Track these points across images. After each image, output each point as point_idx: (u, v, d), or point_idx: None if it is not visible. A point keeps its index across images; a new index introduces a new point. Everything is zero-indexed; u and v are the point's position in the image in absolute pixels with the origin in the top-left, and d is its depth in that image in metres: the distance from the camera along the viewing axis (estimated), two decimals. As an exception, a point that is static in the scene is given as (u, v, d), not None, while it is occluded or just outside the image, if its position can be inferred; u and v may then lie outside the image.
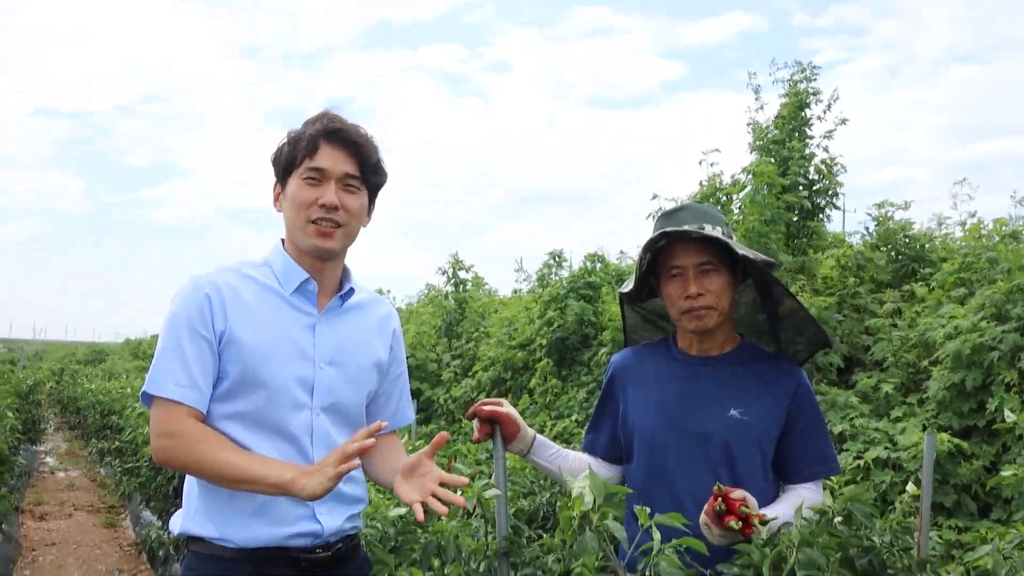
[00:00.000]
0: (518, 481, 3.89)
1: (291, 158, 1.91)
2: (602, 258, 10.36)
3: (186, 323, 1.84)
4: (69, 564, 6.88)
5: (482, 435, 2.07)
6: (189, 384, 1.82)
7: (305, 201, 1.89)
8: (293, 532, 1.86)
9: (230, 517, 1.84)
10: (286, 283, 1.93)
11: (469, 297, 12.81)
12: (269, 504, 1.84)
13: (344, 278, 2.02)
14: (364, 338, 2.02)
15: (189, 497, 1.92)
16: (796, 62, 8.47)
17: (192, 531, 1.88)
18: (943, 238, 8.44)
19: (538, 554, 2.11)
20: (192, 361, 1.83)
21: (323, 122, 1.92)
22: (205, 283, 1.88)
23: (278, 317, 1.91)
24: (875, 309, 7.20)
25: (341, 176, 1.90)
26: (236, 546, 1.84)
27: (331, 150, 1.90)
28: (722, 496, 1.78)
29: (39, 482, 10.87)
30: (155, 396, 1.83)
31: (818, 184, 8.16)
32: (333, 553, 1.92)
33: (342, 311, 2.00)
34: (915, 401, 5.98)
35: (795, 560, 1.56)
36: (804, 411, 2.05)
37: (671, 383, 2.10)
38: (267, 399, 1.85)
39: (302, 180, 1.90)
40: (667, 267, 2.06)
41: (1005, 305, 5.76)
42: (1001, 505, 4.99)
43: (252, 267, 1.96)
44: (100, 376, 19.10)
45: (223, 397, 1.86)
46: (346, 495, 1.95)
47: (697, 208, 2.07)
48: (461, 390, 10.59)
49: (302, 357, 1.90)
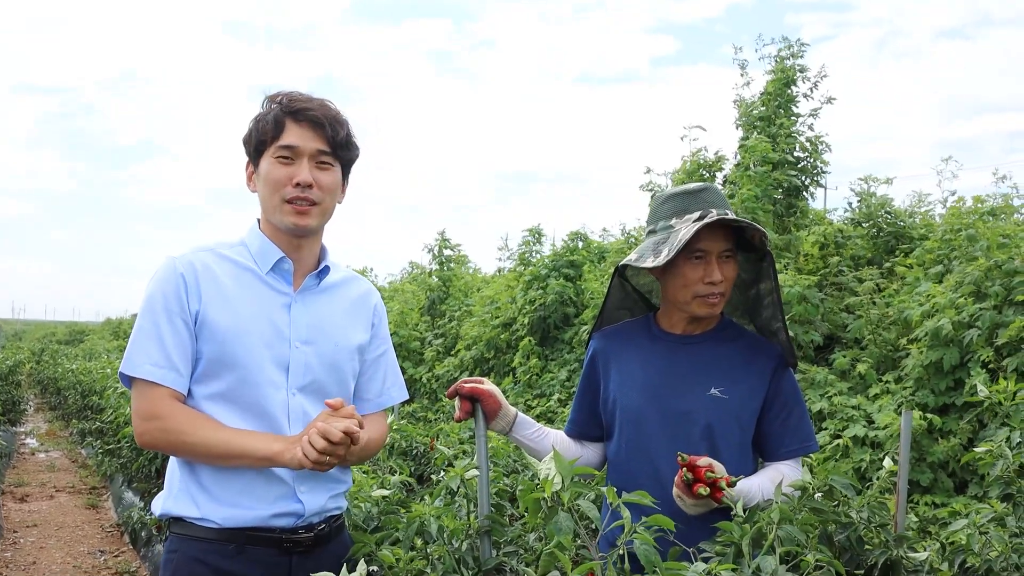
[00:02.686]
0: (500, 462, 3.91)
1: (260, 138, 1.91)
2: (584, 236, 10.36)
3: (163, 304, 1.84)
4: (51, 546, 6.85)
5: (463, 413, 2.06)
6: (167, 365, 1.82)
7: (279, 180, 1.88)
8: (274, 512, 1.86)
9: (212, 497, 1.84)
10: (262, 262, 1.93)
11: (454, 275, 12.77)
12: (251, 484, 1.85)
13: (321, 256, 2.01)
14: (341, 317, 2.01)
15: (171, 478, 1.92)
16: (784, 38, 8.48)
17: (174, 511, 1.88)
18: (924, 215, 8.51)
19: (520, 533, 2.13)
20: (169, 342, 1.83)
21: (284, 101, 1.91)
22: (180, 263, 1.87)
23: (253, 296, 1.90)
24: (854, 287, 7.25)
25: (313, 153, 1.89)
26: (218, 526, 1.84)
27: (298, 128, 1.89)
28: (687, 465, 1.81)
29: (19, 463, 10.80)
30: (135, 378, 1.83)
31: (803, 162, 8.20)
32: (316, 534, 1.92)
33: (319, 290, 1.99)
34: (892, 379, 6.04)
35: (775, 536, 1.58)
36: (784, 389, 2.07)
37: (653, 362, 2.10)
38: (242, 379, 1.85)
39: (274, 159, 1.89)
40: (691, 249, 2.01)
41: (983, 283, 5.81)
42: (977, 481, 5.06)
43: (228, 247, 1.95)
44: (80, 356, 18.98)
45: (200, 378, 1.86)
46: (330, 475, 1.94)
47: (717, 191, 2.06)
48: (444, 368, 10.60)
49: (277, 336, 1.89)
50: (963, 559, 1.90)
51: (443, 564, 1.88)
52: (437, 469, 5.02)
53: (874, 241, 7.95)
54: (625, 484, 1.99)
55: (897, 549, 1.77)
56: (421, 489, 4.28)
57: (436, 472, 4.70)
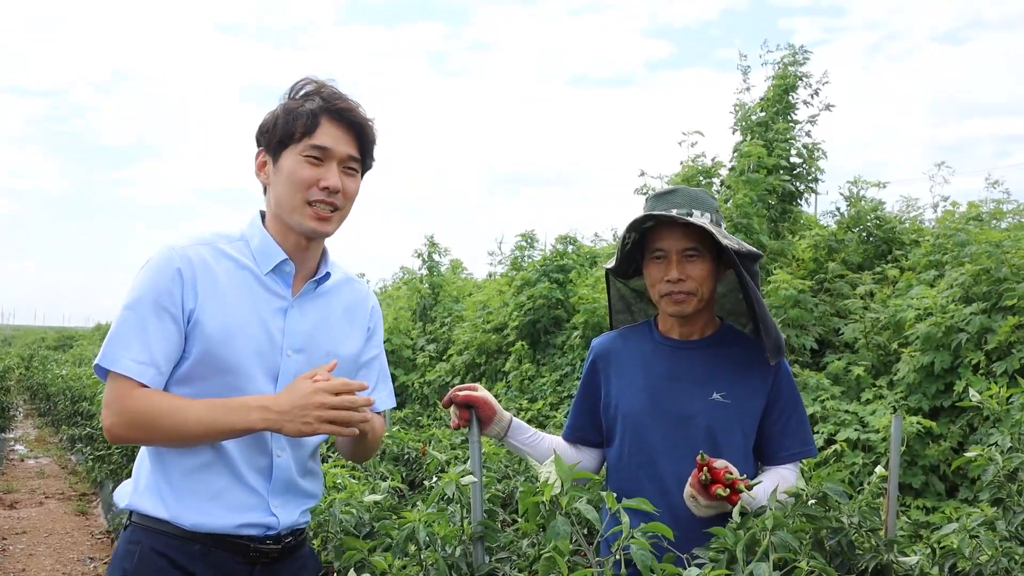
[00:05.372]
0: (492, 467, 3.91)
1: (288, 131, 1.79)
2: (574, 240, 10.36)
3: (153, 296, 1.73)
4: (40, 552, 6.81)
5: (461, 421, 2.06)
6: (148, 361, 1.72)
7: (305, 180, 1.79)
8: (246, 522, 1.80)
9: (184, 500, 1.77)
10: (262, 262, 1.84)
11: (444, 281, 12.76)
12: (225, 491, 1.78)
13: (322, 260, 1.93)
14: (336, 323, 1.93)
15: (140, 472, 1.84)
16: (789, 44, 8.51)
17: (142, 508, 1.80)
18: (913, 220, 8.54)
19: (512, 539, 2.13)
20: (154, 338, 1.72)
21: (324, 96, 1.81)
22: (178, 256, 1.76)
23: (249, 299, 1.81)
24: (847, 291, 7.28)
25: (343, 157, 1.81)
26: (187, 528, 1.77)
27: (333, 129, 1.80)
28: (705, 465, 1.82)
29: (9, 470, 10.74)
30: (111, 371, 1.73)
31: (799, 168, 8.22)
32: (283, 546, 1.86)
33: (316, 295, 1.91)
34: (885, 383, 6.06)
35: (768, 542, 1.58)
36: (783, 393, 2.08)
37: (654, 367, 2.11)
38: (229, 385, 1.76)
39: (302, 157, 1.79)
40: (651, 248, 2.07)
41: (973, 287, 5.84)
42: (968, 485, 5.08)
43: (228, 241, 1.85)
44: (70, 362, 18.88)
45: (184, 379, 1.77)
46: (304, 490, 1.90)
47: (689, 192, 2.07)
48: (435, 374, 10.59)
49: (269, 343, 1.81)
50: (953, 563, 1.91)
51: (436, 570, 1.87)
52: (429, 475, 5.00)
53: (864, 246, 7.97)
54: (626, 489, 2.00)
55: (887, 553, 1.78)
56: (413, 495, 4.27)
57: (428, 477, 4.69)
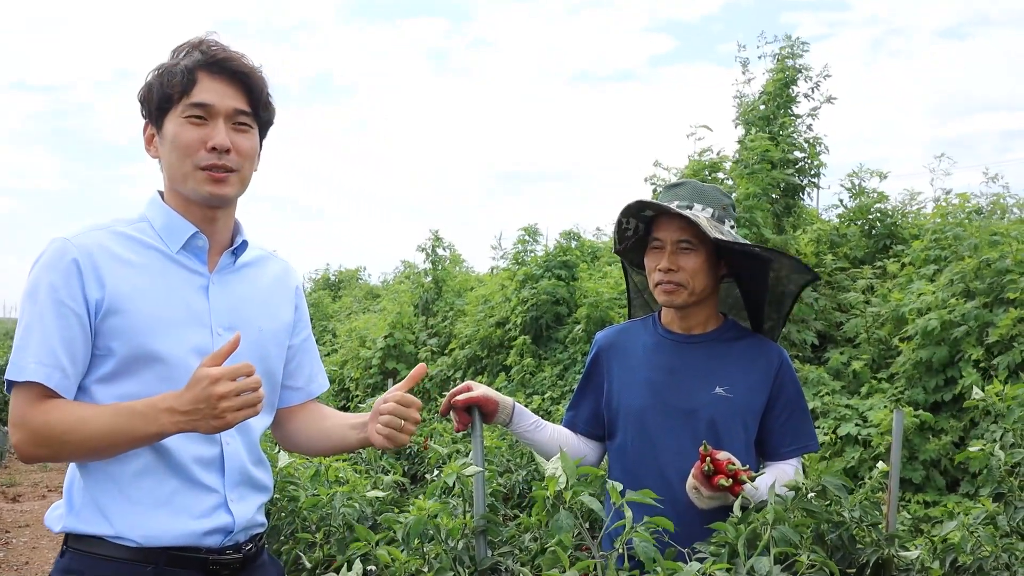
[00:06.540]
0: (494, 460, 3.92)
1: (165, 94, 1.63)
2: (577, 235, 10.36)
3: (49, 294, 1.56)
4: (43, 546, 6.84)
5: (463, 425, 2.04)
6: (52, 364, 1.54)
7: (190, 143, 1.62)
8: (203, 528, 1.63)
9: (127, 510, 1.58)
10: (170, 240, 1.67)
11: (447, 274, 12.76)
12: (175, 494, 1.61)
13: (236, 232, 1.77)
14: (264, 298, 1.79)
15: (72, 489, 1.64)
16: (786, 36, 8.47)
17: (80, 530, 1.60)
18: (915, 213, 8.54)
19: (515, 533, 2.14)
20: (56, 338, 1.54)
21: (201, 50, 1.65)
22: (72, 246, 1.58)
23: (165, 280, 1.64)
24: (848, 285, 7.28)
25: (230, 113, 1.65)
26: (135, 544, 1.58)
27: (213, 83, 1.63)
28: (708, 456, 1.83)
29: (11, 463, 10.76)
30: (16, 383, 1.55)
31: (801, 162, 8.21)
32: (244, 555, 1.71)
33: (236, 269, 1.75)
34: (885, 377, 6.07)
35: (769, 537, 1.59)
36: (786, 388, 2.09)
37: (657, 360, 2.12)
38: (163, 376, 1.59)
39: (183, 119, 1.62)
40: (651, 238, 2.10)
41: (972, 282, 5.84)
42: (969, 479, 5.09)
43: (128, 224, 1.68)
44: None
45: (109, 378, 1.59)
46: (258, 481, 1.76)
47: (697, 186, 2.10)
48: (437, 368, 10.60)
49: (197, 324, 1.65)
50: (954, 558, 1.92)
51: (440, 563, 1.88)
52: (431, 468, 5.02)
53: (866, 240, 7.97)
54: (628, 482, 2.00)
55: (888, 548, 1.79)
56: (414, 488, 4.29)
57: (430, 471, 4.71)
